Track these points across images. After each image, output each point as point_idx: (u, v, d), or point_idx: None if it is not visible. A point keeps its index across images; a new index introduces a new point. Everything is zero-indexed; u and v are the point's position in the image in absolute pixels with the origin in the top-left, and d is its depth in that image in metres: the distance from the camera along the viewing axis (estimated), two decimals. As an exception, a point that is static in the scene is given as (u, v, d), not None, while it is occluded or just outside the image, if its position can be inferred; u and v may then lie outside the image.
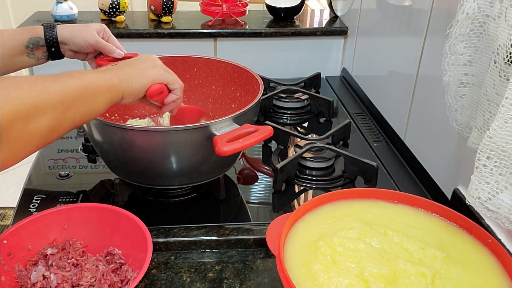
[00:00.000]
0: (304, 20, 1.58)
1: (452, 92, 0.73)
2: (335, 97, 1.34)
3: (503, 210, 0.62)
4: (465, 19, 0.67)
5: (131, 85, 0.67)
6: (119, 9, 1.43)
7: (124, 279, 0.69)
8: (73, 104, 0.57)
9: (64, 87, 0.56)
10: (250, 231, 0.79)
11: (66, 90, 0.56)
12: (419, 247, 0.63)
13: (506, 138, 0.58)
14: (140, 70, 0.70)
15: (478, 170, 0.63)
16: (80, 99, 0.58)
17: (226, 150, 0.70)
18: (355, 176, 0.93)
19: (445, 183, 0.87)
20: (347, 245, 0.63)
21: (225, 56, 1.44)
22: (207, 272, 0.74)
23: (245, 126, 0.76)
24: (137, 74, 0.69)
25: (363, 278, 0.58)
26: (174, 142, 0.76)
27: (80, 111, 0.59)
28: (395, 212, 0.71)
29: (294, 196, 0.91)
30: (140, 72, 0.69)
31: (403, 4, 1.07)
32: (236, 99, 1.00)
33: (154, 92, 0.71)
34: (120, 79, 0.66)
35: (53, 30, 0.83)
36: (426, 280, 0.58)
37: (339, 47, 1.51)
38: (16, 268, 0.69)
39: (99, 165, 0.99)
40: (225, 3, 1.46)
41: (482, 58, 0.67)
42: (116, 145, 0.80)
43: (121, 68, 0.68)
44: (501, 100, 0.58)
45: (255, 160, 1.03)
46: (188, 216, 0.83)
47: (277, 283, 0.72)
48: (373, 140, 1.10)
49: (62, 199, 0.86)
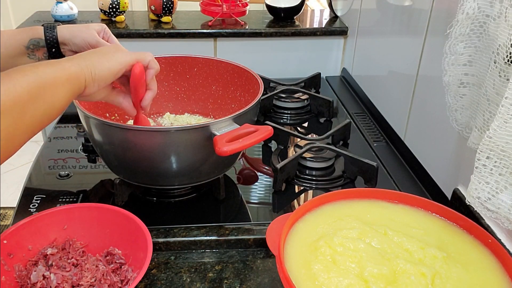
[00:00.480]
0: (304, 20, 1.58)
1: (452, 92, 0.73)
2: (335, 97, 1.34)
3: (502, 210, 0.62)
4: (465, 19, 0.67)
5: (93, 70, 0.62)
6: (119, 9, 1.43)
7: (124, 279, 0.69)
8: (29, 104, 0.52)
9: (16, 87, 0.51)
10: (250, 231, 0.79)
11: (18, 91, 0.51)
12: (419, 247, 0.63)
13: (506, 138, 0.58)
14: (104, 54, 0.66)
15: (478, 170, 0.63)
16: (37, 98, 0.53)
17: (226, 150, 0.70)
18: (355, 176, 0.93)
19: (445, 183, 0.87)
20: (347, 245, 0.63)
21: (225, 56, 1.44)
22: (207, 272, 0.74)
23: (245, 126, 0.76)
24: (101, 58, 0.64)
25: (363, 278, 0.58)
26: (174, 142, 0.76)
27: (38, 112, 0.54)
28: (395, 212, 0.71)
29: (294, 196, 0.91)
30: (104, 55, 0.65)
31: (403, 4, 1.07)
32: (236, 99, 1.00)
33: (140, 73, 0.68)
34: (81, 66, 0.61)
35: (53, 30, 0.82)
36: (426, 280, 0.58)
37: (339, 47, 1.51)
38: (16, 268, 0.69)
39: (99, 165, 0.99)
40: (225, 3, 1.46)
41: (482, 58, 0.67)
42: (116, 145, 0.80)
43: (83, 56, 0.64)
44: (501, 100, 0.58)
45: (255, 160, 1.03)
46: (188, 216, 0.83)
47: (277, 283, 0.72)
48: (373, 140, 1.10)
49: (62, 199, 0.86)
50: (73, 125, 1.14)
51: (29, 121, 0.53)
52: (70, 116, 1.14)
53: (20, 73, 0.53)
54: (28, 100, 0.52)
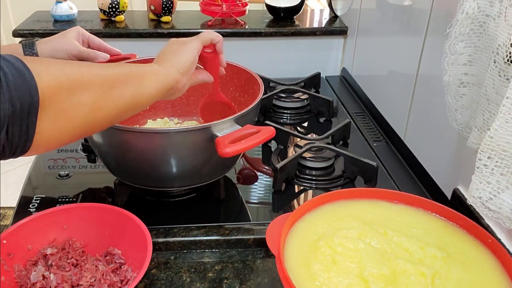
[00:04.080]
0: (304, 20, 1.58)
1: (452, 92, 0.73)
2: (335, 97, 1.34)
3: (504, 209, 0.62)
4: (465, 18, 0.67)
5: (178, 67, 0.67)
6: (119, 8, 1.43)
7: (124, 279, 0.69)
8: (118, 84, 0.57)
9: (108, 69, 0.57)
10: (250, 231, 0.79)
11: (109, 72, 0.57)
12: (419, 247, 0.63)
13: (507, 137, 0.58)
14: (175, 51, 0.69)
15: (479, 170, 0.63)
16: (125, 81, 0.58)
17: (229, 152, 0.70)
18: (355, 176, 0.93)
19: (445, 183, 0.87)
20: (347, 245, 0.63)
21: (225, 55, 1.43)
22: (207, 272, 0.73)
23: (247, 127, 0.76)
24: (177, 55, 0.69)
25: (363, 278, 0.58)
26: (175, 144, 0.76)
27: (126, 92, 0.58)
28: (395, 212, 0.71)
29: (294, 196, 0.91)
30: (177, 52, 0.69)
31: (403, 4, 1.07)
32: (235, 99, 1.00)
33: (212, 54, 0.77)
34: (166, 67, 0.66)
35: (32, 48, 0.80)
36: (426, 280, 0.58)
37: (339, 47, 1.51)
38: (16, 268, 0.69)
39: (98, 165, 0.99)
40: (225, 3, 1.46)
41: (482, 58, 0.67)
42: (115, 147, 0.79)
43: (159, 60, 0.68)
44: (501, 100, 0.58)
45: (255, 160, 1.03)
46: (188, 216, 0.83)
47: (277, 283, 0.72)
48: (373, 140, 1.10)
49: (62, 199, 0.86)
50: (73, 125, 1.13)
51: (116, 98, 0.57)
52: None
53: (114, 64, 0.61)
54: (116, 80, 0.57)
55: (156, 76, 0.63)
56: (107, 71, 0.57)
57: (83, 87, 0.52)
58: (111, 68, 0.58)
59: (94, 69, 0.55)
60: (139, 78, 0.60)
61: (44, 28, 1.38)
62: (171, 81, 0.66)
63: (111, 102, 0.57)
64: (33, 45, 0.80)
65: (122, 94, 0.58)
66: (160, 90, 0.64)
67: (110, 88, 0.56)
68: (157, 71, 0.64)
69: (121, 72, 0.58)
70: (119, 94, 0.57)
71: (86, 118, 0.54)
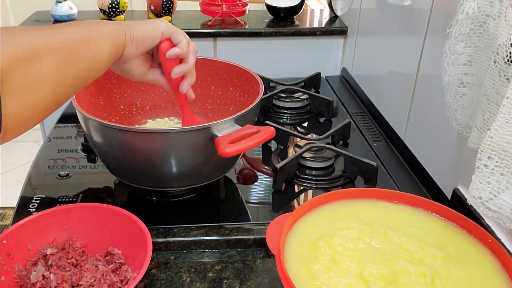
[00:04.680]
0: (304, 20, 1.58)
1: (452, 92, 0.73)
2: (335, 97, 1.34)
3: (504, 210, 0.62)
4: (465, 18, 0.67)
5: (132, 30, 0.64)
6: (119, 8, 1.43)
7: (124, 279, 0.69)
8: (76, 48, 0.55)
9: (63, 33, 0.54)
10: (250, 231, 0.79)
11: (65, 36, 0.54)
12: (419, 247, 0.63)
13: (507, 137, 0.58)
14: (146, 21, 0.68)
15: (479, 170, 0.63)
16: (82, 44, 0.56)
17: (229, 152, 0.70)
18: (355, 176, 0.93)
19: (445, 183, 0.87)
20: (347, 245, 0.63)
21: (225, 55, 1.44)
22: (207, 272, 0.73)
23: (247, 127, 0.76)
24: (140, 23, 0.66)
25: (363, 278, 0.58)
26: (174, 144, 0.76)
27: (84, 56, 0.56)
28: (395, 212, 0.71)
29: (294, 196, 0.91)
30: (142, 22, 0.67)
31: (403, 4, 1.07)
32: (235, 99, 1.00)
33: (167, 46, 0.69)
34: (121, 25, 0.63)
35: None
36: (426, 280, 0.58)
37: (339, 47, 1.51)
38: (16, 268, 0.69)
39: (98, 165, 0.99)
40: (225, 3, 1.46)
41: (482, 58, 0.67)
42: (115, 147, 0.79)
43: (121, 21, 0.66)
44: (501, 100, 0.58)
45: (255, 160, 1.03)
46: (188, 216, 0.83)
47: (277, 283, 0.72)
48: (373, 140, 1.10)
49: (62, 199, 0.86)
50: (73, 125, 1.14)
51: (77, 65, 0.55)
52: (69, 116, 1.14)
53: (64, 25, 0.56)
54: (73, 44, 0.55)
55: (110, 36, 0.61)
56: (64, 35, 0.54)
57: (40, 56, 0.50)
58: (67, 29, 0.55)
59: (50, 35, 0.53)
60: (94, 39, 0.58)
61: (44, 28, 1.38)
62: (122, 42, 0.63)
63: (72, 69, 0.55)
64: None
65: (82, 59, 0.56)
66: (112, 52, 0.62)
67: (69, 54, 0.54)
68: (111, 30, 0.61)
69: (78, 34, 0.56)
70: (79, 60, 0.56)
71: (51, 90, 0.52)
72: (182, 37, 0.70)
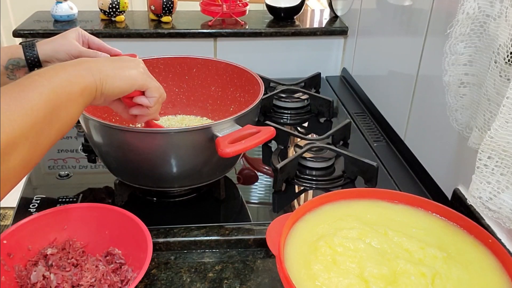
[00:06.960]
0: (304, 20, 1.58)
1: (452, 92, 0.73)
2: (335, 97, 1.34)
3: (504, 209, 0.62)
4: (465, 19, 0.67)
5: (105, 85, 0.60)
6: (119, 9, 1.43)
7: (124, 279, 0.69)
8: (45, 124, 0.50)
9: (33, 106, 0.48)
10: (250, 231, 0.79)
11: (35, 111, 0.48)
12: (419, 247, 0.63)
13: (507, 138, 0.58)
14: (119, 68, 0.63)
15: (479, 170, 0.63)
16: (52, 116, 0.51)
17: (229, 152, 0.70)
18: (355, 176, 0.93)
19: (445, 183, 0.87)
20: (347, 245, 0.63)
21: (225, 56, 1.44)
22: (207, 272, 0.73)
23: (247, 127, 0.76)
24: (115, 73, 0.62)
25: (363, 278, 0.58)
26: (175, 144, 0.76)
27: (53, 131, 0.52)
28: (395, 212, 0.71)
29: (294, 196, 0.91)
30: (118, 70, 0.62)
31: (403, 4, 1.07)
32: (235, 100, 1.00)
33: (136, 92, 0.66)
34: (95, 78, 0.59)
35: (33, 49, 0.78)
36: (426, 280, 0.58)
37: (339, 47, 1.51)
38: (16, 268, 0.69)
39: (99, 165, 0.99)
40: (225, 3, 1.46)
41: (483, 58, 0.67)
42: (115, 147, 0.79)
43: (99, 63, 0.61)
44: (502, 100, 0.58)
45: (255, 160, 1.03)
46: (188, 216, 0.83)
47: (277, 283, 0.72)
48: (373, 140, 1.10)
49: (62, 199, 0.86)
50: (73, 125, 1.14)
51: (45, 143, 0.51)
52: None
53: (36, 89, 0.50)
54: (42, 120, 0.50)
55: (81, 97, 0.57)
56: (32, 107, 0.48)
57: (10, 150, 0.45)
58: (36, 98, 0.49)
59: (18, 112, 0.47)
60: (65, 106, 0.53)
61: (44, 28, 1.39)
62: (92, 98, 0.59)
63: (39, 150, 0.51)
64: (33, 46, 0.79)
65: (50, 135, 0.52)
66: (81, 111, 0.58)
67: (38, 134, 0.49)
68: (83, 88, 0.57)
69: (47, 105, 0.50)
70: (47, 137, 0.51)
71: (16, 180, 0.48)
72: (155, 94, 0.67)
